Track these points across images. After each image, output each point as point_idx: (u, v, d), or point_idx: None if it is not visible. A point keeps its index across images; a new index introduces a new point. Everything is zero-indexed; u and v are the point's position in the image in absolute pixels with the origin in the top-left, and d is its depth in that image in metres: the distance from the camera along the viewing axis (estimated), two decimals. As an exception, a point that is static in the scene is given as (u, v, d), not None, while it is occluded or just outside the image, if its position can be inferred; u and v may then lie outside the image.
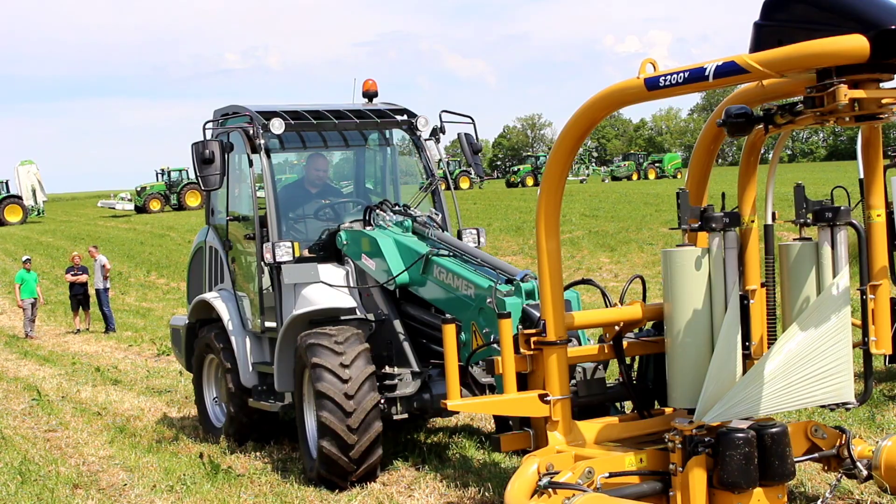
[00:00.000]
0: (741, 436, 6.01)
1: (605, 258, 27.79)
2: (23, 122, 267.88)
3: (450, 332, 6.78)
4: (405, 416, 8.62)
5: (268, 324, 9.61)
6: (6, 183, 63.58)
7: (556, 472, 6.09)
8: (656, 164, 77.59)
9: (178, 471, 9.21)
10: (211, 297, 10.40)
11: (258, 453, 9.75)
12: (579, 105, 6.41)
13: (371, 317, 8.94)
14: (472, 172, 10.23)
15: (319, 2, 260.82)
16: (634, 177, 76.27)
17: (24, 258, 24.18)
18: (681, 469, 6.14)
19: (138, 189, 66.47)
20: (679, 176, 42.43)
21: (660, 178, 72.69)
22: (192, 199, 63.19)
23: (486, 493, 7.70)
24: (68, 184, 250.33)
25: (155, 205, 64.22)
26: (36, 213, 63.93)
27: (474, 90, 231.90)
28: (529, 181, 74.14)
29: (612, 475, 6.16)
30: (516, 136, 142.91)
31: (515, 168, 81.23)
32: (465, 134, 10.10)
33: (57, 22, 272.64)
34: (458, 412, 8.98)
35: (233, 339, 9.90)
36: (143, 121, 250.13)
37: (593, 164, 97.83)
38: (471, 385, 8.24)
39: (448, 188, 10.26)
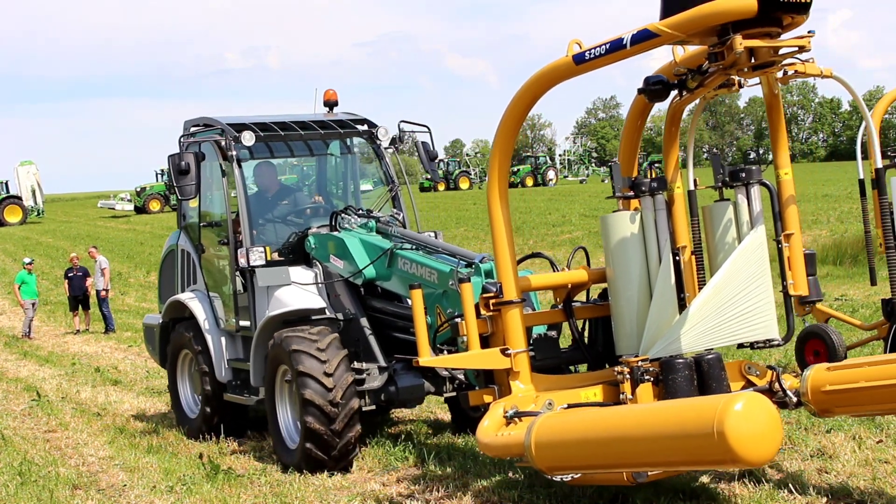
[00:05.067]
0: (681, 361, 6.84)
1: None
2: (23, 123, 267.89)
3: (417, 296, 7.31)
4: (373, 407, 9.24)
5: (242, 323, 10.13)
6: (6, 183, 63.61)
7: None
8: (656, 165, 77.61)
9: (177, 471, 9.21)
10: (186, 297, 10.95)
11: (258, 453, 9.76)
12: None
13: (340, 316, 9.55)
14: (431, 177, 10.73)
15: (319, 2, 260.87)
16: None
17: (26, 260, 24.21)
18: (630, 397, 6.92)
19: (138, 189, 66.48)
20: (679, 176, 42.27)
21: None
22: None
23: (486, 494, 7.70)
24: (68, 184, 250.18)
25: (154, 205, 64.22)
26: (36, 213, 63.95)
27: (475, 90, 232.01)
28: (529, 181, 74.16)
29: (570, 406, 6.92)
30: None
31: (515, 168, 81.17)
32: (423, 142, 10.71)
33: (56, 22, 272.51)
34: (420, 403, 10.08)
35: (208, 337, 10.48)
36: (142, 121, 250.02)
37: (593, 164, 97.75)
38: (432, 379, 9.32)
39: (409, 193, 10.80)
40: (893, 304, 10.42)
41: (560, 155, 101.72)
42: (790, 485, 7.19)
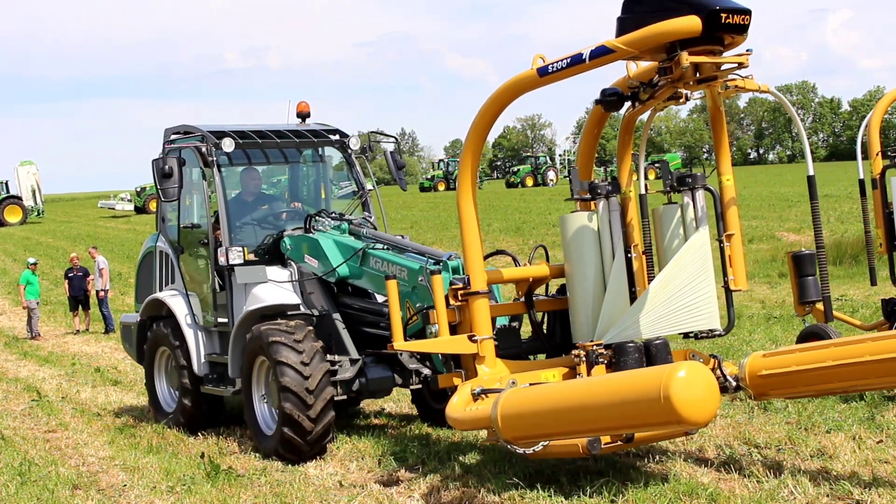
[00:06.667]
0: (632, 345, 7.60)
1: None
2: (23, 123, 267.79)
3: (392, 286, 8.12)
4: (344, 397, 9.73)
5: (220, 319, 10.76)
6: (6, 183, 63.59)
7: None
8: (656, 165, 77.58)
9: (177, 471, 9.20)
10: (165, 295, 11.47)
11: (258, 453, 9.76)
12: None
13: (314, 312, 10.14)
14: (399, 185, 12.17)
15: (319, 2, 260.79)
16: (634, 177, 76.25)
17: (31, 260, 24.20)
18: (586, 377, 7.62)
19: (138, 189, 66.45)
20: (679, 176, 42.16)
21: (660, 179, 72.64)
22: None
23: (486, 494, 7.71)
24: (68, 184, 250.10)
25: (155, 205, 63.88)
26: (36, 213, 63.92)
27: (475, 90, 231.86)
28: (529, 182, 74.06)
29: (532, 385, 7.45)
30: (516, 136, 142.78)
31: (515, 168, 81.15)
32: (391, 152, 11.54)
33: (56, 22, 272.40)
34: (388, 394, 10.86)
35: (187, 332, 11.04)
36: (142, 121, 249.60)
37: (593, 164, 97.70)
38: (399, 371, 9.88)
39: (377, 198, 11.47)
40: (891, 304, 10.44)
41: (560, 155, 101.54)
42: (790, 485, 7.19)
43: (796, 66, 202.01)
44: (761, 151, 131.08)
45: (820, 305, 11.11)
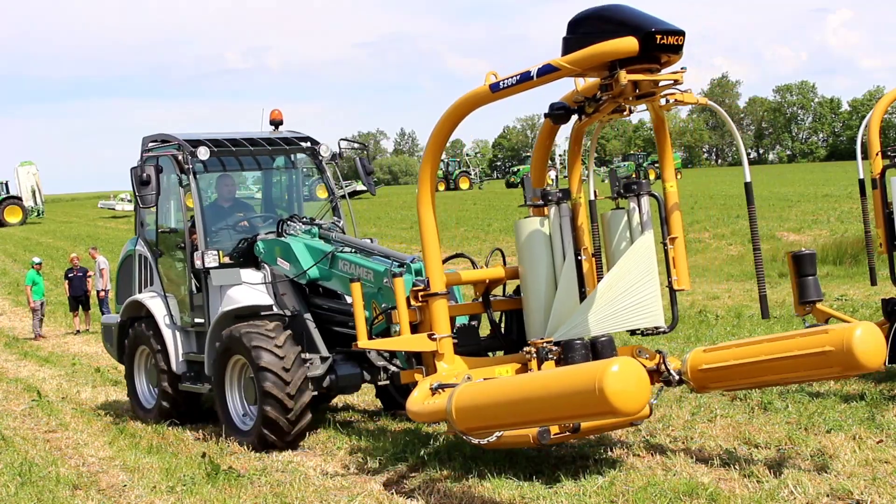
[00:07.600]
0: (579, 342, 8.03)
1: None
2: (23, 123, 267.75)
3: (356, 288, 8.62)
4: (315, 393, 10.08)
5: (196, 319, 11.26)
6: (6, 184, 63.59)
7: None
8: (656, 164, 77.53)
9: (178, 471, 9.21)
10: (144, 297, 11.95)
11: (258, 453, 9.77)
12: None
13: (286, 312, 10.53)
14: (368, 190, 12.71)
15: (319, 2, 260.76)
16: (634, 177, 76.18)
17: (36, 260, 24.23)
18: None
19: (138, 190, 66.37)
20: (679, 176, 42.33)
21: (660, 179, 72.57)
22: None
23: (486, 493, 7.71)
24: (68, 184, 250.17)
25: (154, 206, 63.97)
26: (36, 213, 63.93)
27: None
28: (529, 181, 73.99)
29: (486, 380, 7.78)
30: (516, 136, 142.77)
31: (515, 168, 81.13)
32: (360, 158, 12.06)
33: (57, 23, 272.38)
34: (357, 390, 11.26)
35: (166, 332, 11.55)
36: (144, 121, 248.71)
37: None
38: (368, 368, 10.36)
39: (347, 203, 11.99)
40: (890, 304, 10.43)
41: (560, 155, 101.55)
42: (790, 485, 7.20)
43: (796, 66, 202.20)
44: (761, 151, 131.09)
45: (820, 305, 11.15)
